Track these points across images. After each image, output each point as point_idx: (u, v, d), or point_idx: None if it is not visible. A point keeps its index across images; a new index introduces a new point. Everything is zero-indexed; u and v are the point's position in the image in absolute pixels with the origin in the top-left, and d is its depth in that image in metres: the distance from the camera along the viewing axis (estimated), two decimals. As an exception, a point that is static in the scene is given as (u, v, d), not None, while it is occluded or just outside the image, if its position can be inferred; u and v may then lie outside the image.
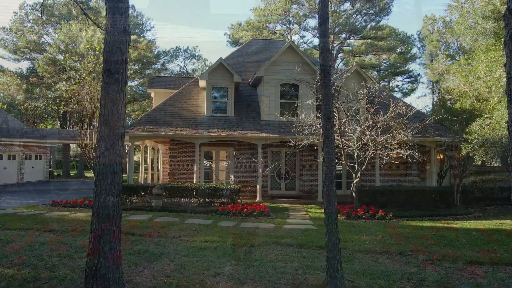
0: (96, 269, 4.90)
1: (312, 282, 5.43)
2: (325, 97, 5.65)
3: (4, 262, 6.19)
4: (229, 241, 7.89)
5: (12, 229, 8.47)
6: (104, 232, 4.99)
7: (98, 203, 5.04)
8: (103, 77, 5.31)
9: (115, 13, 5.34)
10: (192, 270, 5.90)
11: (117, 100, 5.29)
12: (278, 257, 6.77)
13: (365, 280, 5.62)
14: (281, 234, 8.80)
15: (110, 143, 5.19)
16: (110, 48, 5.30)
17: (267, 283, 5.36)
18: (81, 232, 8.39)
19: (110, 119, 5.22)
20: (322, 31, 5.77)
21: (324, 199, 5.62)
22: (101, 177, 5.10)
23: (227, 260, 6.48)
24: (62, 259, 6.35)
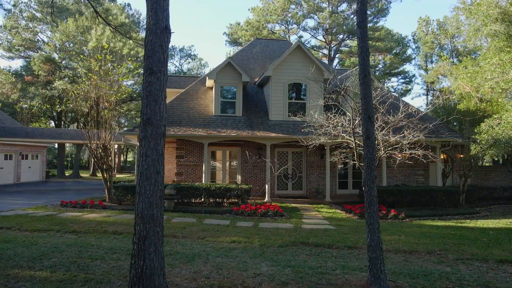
0: (142, 271, 4.81)
1: (354, 282, 5.42)
2: (365, 97, 5.65)
3: (35, 264, 6.05)
4: (256, 241, 7.85)
5: (32, 231, 8.30)
6: (149, 233, 4.91)
7: (142, 204, 4.96)
8: (145, 75, 5.22)
9: (157, 10, 5.25)
10: (229, 271, 5.85)
11: (159, 99, 5.22)
12: (310, 258, 6.75)
13: (404, 279, 5.63)
14: (304, 234, 8.79)
15: (154, 142, 5.11)
16: (152, 46, 5.22)
17: (310, 284, 5.33)
18: (103, 233, 8.27)
19: (153, 118, 5.14)
20: (361, 34, 5.76)
21: (365, 199, 5.62)
22: (144, 177, 5.02)
23: (260, 260, 6.44)
24: (93, 260, 6.23)
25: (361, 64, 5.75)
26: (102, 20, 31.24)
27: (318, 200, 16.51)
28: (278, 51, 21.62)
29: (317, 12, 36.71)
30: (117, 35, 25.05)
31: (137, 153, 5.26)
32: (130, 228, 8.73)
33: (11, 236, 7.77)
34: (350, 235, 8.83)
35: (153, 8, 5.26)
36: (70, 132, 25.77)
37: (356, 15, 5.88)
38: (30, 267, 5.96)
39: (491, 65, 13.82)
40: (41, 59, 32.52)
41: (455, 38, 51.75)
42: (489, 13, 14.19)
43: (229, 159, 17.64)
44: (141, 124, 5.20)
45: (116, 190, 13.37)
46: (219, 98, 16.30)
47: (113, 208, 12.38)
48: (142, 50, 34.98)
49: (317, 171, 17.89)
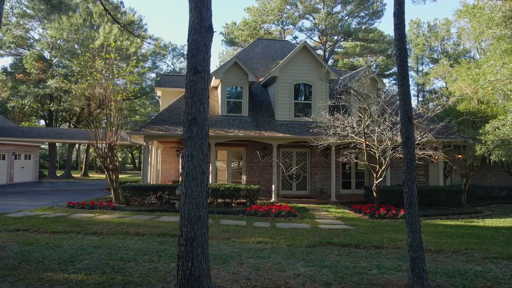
0: (191, 273, 4.75)
1: (396, 282, 5.46)
2: (405, 99, 5.70)
3: (67, 267, 5.91)
4: (282, 242, 7.84)
5: (51, 233, 8.11)
6: (197, 235, 4.86)
7: (189, 205, 4.90)
8: (189, 75, 5.16)
9: (202, 9, 5.20)
10: (267, 272, 5.82)
11: (204, 99, 5.17)
12: (341, 258, 6.78)
13: (442, 279, 5.70)
14: (325, 234, 8.81)
15: (199, 143, 5.05)
16: (197, 46, 5.17)
17: (352, 284, 5.35)
18: (124, 234, 8.13)
19: (198, 118, 5.09)
20: (399, 35, 5.81)
21: (405, 200, 5.66)
22: (190, 178, 4.96)
23: (293, 261, 6.43)
24: (126, 263, 6.12)
25: (400, 65, 5.79)
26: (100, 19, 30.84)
27: (323, 200, 16.58)
28: (280, 51, 21.65)
29: (313, 13, 36.90)
30: (124, 34, 24.65)
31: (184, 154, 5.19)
32: (151, 229, 8.62)
33: (32, 238, 7.57)
34: (370, 235, 8.89)
35: (197, 7, 5.21)
36: (68, 132, 25.28)
37: (394, 17, 5.92)
38: (63, 270, 5.83)
39: (494, 67, 14.11)
40: (33, 56, 31.80)
41: (445, 40, 52.83)
42: (493, 16, 14.48)
43: (233, 159, 17.58)
44: (185, 124, 5.14)
45: (124, 191, 13.18)
46: (225, 98, 16.23)
47: (123, 209, 12.20)
48: (150, 49, 34.44)
49: (321, 171, 17.98)
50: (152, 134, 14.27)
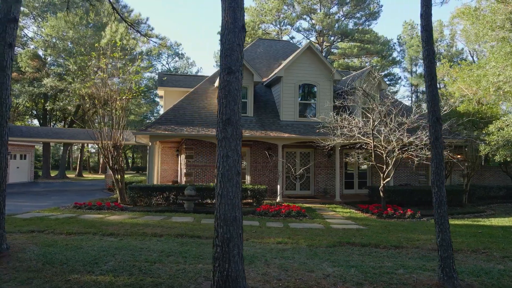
0: (228, 274, 4.73)
1: (426, 282, 5.50)
2: (433, 100, 5.75)
3: (93, 269, 5.83)
4: (301, 242, 7.85)
5: (67, 234, 7.99)
6: (233, 236, 4.84)
7: (225, 206, 4.88)
8: (222, 75, 5.14)
9: (235, 9, 5.19)
10: (296, 272, 5.82)
11: (238, 99, 5.15)
12: (364, 257, 6.81)
13: (470, 278, 5.76)
14: (341, 234, 8.85)
15: (234, 143, 5.04)
16: (230, 45, 5.15)
17: (383, 284, 5.38)
18: (142, 235, 8.06)
19: (233, 119, 5.07)
20: (426, 37, 5.86)
21: (434, 200, 5.71)
22: (226, 179, 4.93)
23: (319, 261, 6.44)
24: (152, 264, 6.07)
25: (427, 67, 5.85)
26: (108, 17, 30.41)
27: (327, 200, 16.64)
28: (282, 51, 21.67)
29: (311, 14, 37.03)
30: (126, 32, 24.36)
31: (218, 154, 5.16)
32: (167, 230, 8.55)
33: (49, 239, 7.45)
34: (385, 234, 8.95)
35: (231, 6, 5.19)
36: (68, 132, 24.95)
37: (421, 19, 5.97)
38: (89, 272, 5.75)
39: (497, 69, 14.32)
40: (28, 55, 31.32)
41: (438, 42, 53.46)
42: (495, 19, 14.69)
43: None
44: (219, 125, 5.11)
45: (131, 191, 13.05)
46: (230, 98, 16.15)
47: (131, 210, 12.08)
48: (154, 48, 33.98)
49: (325, 171, 18.05)
50: (158, 134, 14.17)
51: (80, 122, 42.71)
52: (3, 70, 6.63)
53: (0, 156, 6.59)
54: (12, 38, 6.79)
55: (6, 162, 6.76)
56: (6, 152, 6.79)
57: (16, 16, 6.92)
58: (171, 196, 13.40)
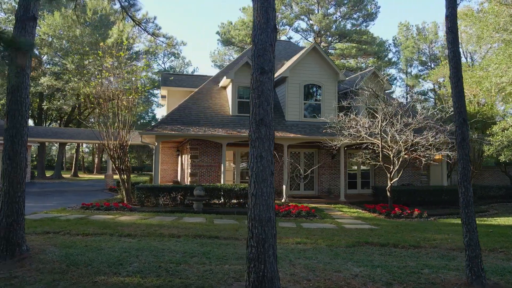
0: (264, 275, 4.72)
1: (453, 281, 5.55)
2: (459, 101, 5.80)
3: (119, 270, 5.78)
4: (320, 242, 7.87)
5: (84, 235, 7.90)
6: (268, 236, 4.82)
7: (259, 206, 4.85)
8: (255, 75, 5.12)
9: (268, 9, 5.18)
10: (323, 272, 5.83)
11: (270, 99, 5.14)
12: (385, 257, 6.85)
13: (494, 277, 5.83)
14: (356, 234, 8.89)
15: (267, 143, 5.02)
16: (263, 46, 5.13)
17: (413, 284, 5.41)
18: (159, 236, 8.00)
19: (266, 119, 5.05)
20: (452, 39, 5.91)
21: (461, 200, 5.78)
22: (260, 179, 4.91)
23: (342, 261, 6.46)
24: (178, 265, 6.02)
25: (454, 68, 5.90)
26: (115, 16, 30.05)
27: (332, 200, 16.70)
28: (284, 52, 21.70)
29: (309, 14, 37.14)
30: (136, 32, 24.10)
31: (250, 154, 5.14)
32: (184, 231, 8.50)
33: (67, 241, 7.36)
34: (400, 234, 9.01)
35: (263, 6, 5.18)
36: (68, 132, 24.68)
37: (446, 20, 6.02)
38: (115, 273, 5.69)
39: (500, 70, 14.51)
40: (25, 53, 30.79)
41: (433, 43, 54.02)
42: (498, 21, 14.89)
43: (241, 159, 17.51)
44: (252, 125, 5.08)
45: (139, 192, 12.96)
46: (236, 98, 16.16)
47: (140, 210, 11.99)
48: (152, 47, 33.52)
49: (329, 171, 18.11)
50: (165, 134, 14.09)
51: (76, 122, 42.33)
52: (23, 69, 6.53)
53: (20, 156, 6.49)
54: (31, 37, 6.69)
55: (25, 162, 6.66)
56: (26, 152, 6.69)
57: (35, 15, 6.81)
58: (178, 197, 13.32)
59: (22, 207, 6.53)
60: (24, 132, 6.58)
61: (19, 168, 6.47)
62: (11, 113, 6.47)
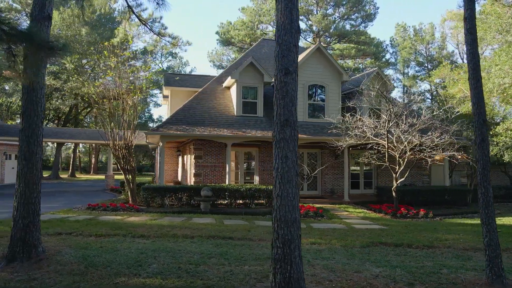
0: (290, 276, 4.72)
1: (474, 281, 5.59)
2: (478, 102, 5.84)
3: (139, 271, 5.74)
4: (334, 242, 7.88)
5: (97, 236, 7.84)
6: (293, 237, 4.82)
7: (285, 207, 4.85)
8: (279, 76, 5.12)
9: (292, 9, 5.18)
10: (343, 273, 5.84)
11: (295, 100, 5.15)
12: (401, 257, 6.87)
13: None
14: (368, 234, 8.92)
15: (292, 144, 5.03)
16: (287, 46, 5.14)
17: (434, 284, 5.44)
18: (172, 237, 7.96)
19: (291, 120, 5.07)
20: (471, 40, 5.95)
21: (481, 201, 5.82)
22: (285, 180, 4.91)
23: (360, 261, 6.47)
24: (197, 266, 6.00)
25: (472, 69, 5.93)
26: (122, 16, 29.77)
27: (336, 200, 16.74)
28: (286, 52, 21.67)
29: (308, 15, 37.20)
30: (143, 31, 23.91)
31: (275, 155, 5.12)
32: (196, 232, 8.47)
33: (81, 242, 7.31)
34: (411, 234, 9.05)
35: (287, 7, 5.17)
36: (68, 131, 24.47)
37: (465, 22, 6.06)
38: (135, 274, 5.66)
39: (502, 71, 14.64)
40: (23, 53, 30.55)
41: (430, 44, 54.38)
42: (501, 23, 15.01)
43: (245, 159, 17.49)
44: (276, 126, 5.08)
45: (145, 192, 12.89)
46: (240, 98, 16.14)
47: (147, 211, 11.93)
48: (150, 46, 33.21)
49: (332, 171, 18.15)
50: (170, 134, 14.04)
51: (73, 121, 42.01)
52: (39, 69, 6.46)
53: (36, 157, 6.43)
54: (46, 36, 6.62)
55: (41, 163, 6.60)
56: (41, 153, 6.63)
57: (50, 14, 6.75)
58: (184, 197, 13.27)
59: (38, 208, 6.47)
60: (39, 133, 6.52)
61: (35, 168, 6.42)
62: (27, 113, 6.41)
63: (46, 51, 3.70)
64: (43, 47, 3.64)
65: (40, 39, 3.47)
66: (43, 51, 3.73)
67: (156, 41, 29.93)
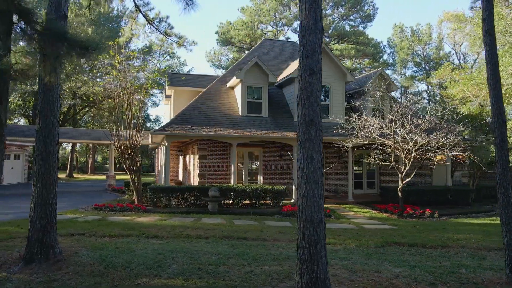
0: (317, 276, 4.72)
1: (494, 280, 5.62)
2: (497, 103, 5.88)
3: (159, 272, 5.72)
4: (348, 242, 7.90)
5: (110, 237, 7.79)
6: (320, 237, 4.83)
7: (311, 207, 4.85)
8: (304, 76, 5.12)
9: (316, 10, 5.18)
10: (363, 273, 5.85)
11: (319, 100, 5.15)
12: (417, 257, 6.91)
13: (531, 276, 5.91)
14: (379, 234, 8.95)
15: (317, 144, 5.02)
16: (312, 47, 5.14)
17: (455, 284, 5.46)
18: (186, 237, 7.94)
19: (316, 120, 5.05)
20: (490, 41, 5.99)
21: (500, 201, 5.84)
22: (311, 180, 4.90)
23: (377, 261, 6.49)
24: (217, 267, 5.98)
25: (491, 70, 5.97)
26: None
27: (340, 200, 16.77)
28: (289, 52, 21.73)
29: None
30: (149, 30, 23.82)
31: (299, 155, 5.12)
32: (209, 232, 8.45)
33: (96, 243, 7.26)
34: (422, 234, 9.10)
35: (312, 8, 5.18)
36: (69, 131, 24.31)
37: (483, 23, 6.10)
38: (156, 275, 5.64)
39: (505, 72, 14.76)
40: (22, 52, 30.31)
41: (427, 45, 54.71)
42: (504, 24, 15.12)
43: (249, 160, 17.48)
44: (301, 126, 5.07)
45: (152, 192, 12.84)
46: (245, 98, 16.13)
47: (155, 211, 11.89)
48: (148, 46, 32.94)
49: (335, 171, 18.18)
50: (176, 134, 13.99)
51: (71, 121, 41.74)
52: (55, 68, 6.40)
53: (53, 157, 6.37)
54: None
55: (57, 164, 6.55)
56: (57, 153, 6.57)
57: (66, 13, 6.70)
58: (190, 197, 13.24)
59: (55, 208, 6.42)
60: (56, 133, 6.47)
61: (52, 169, 6.37)
62: (44, 113, 6.35)
63: (78, 51, 3.65)
64: (76, 46, 3.59)
65: (73, 39, 3.42)
66: (74, 50, 3.67)
67: (162, 40, 29.79)
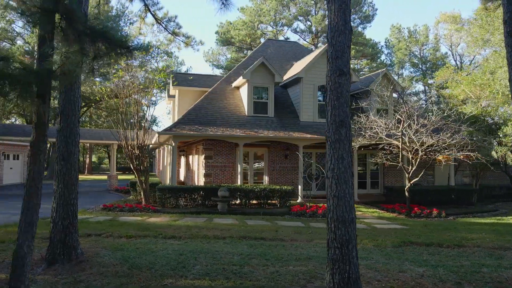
0: (349, 276, 4.74)
1: (517, 279, 5.68)
2: (520, 103, 5.95)
3: (184, 273, 5.71)
4: (365, 242, 7.92)
5: (127, 237, 7.75)
6: (351, 237, 4.85)
7: (343, 207, 4.87)
8: (333, 77, 5.13)
9: (345, 10, 5.22)
10: (388, 272, 5.88)
11: (348, 101, 5.17)
12: (436, 256, 6.95)
13: (552, 275, 5.99)
14: (393, 234, 8.99)
15: (347, 145, 5.04)
16: (341, 47, 5.17)
17: (480, 283, 5.51)
18: (203, 238, 7.92)
19: (346, 120, 5.07)
20: (511, 43, 6.05)
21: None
22: (342, 180, 4.92)
23: (399, 261, 6.52)
24: (241, 267, 5.98)
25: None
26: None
27: (345, 200, 16.80)
28: (291, 53, 21.75)
29: (307, 16, 37.32)
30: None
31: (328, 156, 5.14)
32: (226, 232, 8.43)
33: (115, 243, 7.22)
34: (435, 233, 9.16)
35: (341, 8, 5.20)
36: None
37: (504, 25, 6.16)
38: (181, 276, 5.63)
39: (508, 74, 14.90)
40: (20, 51, 30.09)
41: (424, 46, 55.07)
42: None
43: (254, 160, 17.47)
44: (331, 127, 5.09)
45: (160, 192, 12.79)
46: (251, 98, 16.12)
47: (164, 211, 11.84)
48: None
49: (340, 171, 18.21)
50: (183, 134, 13.94)
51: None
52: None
53: (74, 157, 6.33)
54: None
55: (78, 164, 6.50)
56: (78, 153, 6.53)
57: (86, 12, 6.66)
58: (198, 197, 13.20)
59: (76, 209, 6.39)
60: (76, 133, 6.42)
61: (73, 169, 6.32)
62: (65, 113, 6.31)
63: (118, 51, 3.63)
64: (117, 46, 3.57)
65: (117, 38, 3.40)
66: (114, 50, 3.65)
67: (169, 40, 29.68)
